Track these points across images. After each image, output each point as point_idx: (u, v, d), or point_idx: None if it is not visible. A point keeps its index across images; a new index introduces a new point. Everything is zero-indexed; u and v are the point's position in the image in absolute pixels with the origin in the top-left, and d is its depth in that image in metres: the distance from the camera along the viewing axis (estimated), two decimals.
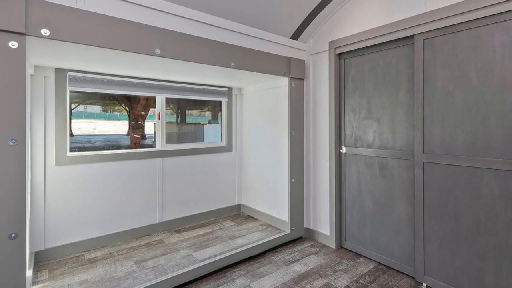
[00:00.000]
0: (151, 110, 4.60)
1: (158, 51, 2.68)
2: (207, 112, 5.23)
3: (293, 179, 3.86)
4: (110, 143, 4.51)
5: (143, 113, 4.55)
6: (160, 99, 4.32)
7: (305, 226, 4.13)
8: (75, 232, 3.52)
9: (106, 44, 2.40)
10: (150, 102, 4.55)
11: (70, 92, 3.61)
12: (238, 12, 3.25)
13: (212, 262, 3.03)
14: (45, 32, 2.13)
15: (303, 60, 3.99)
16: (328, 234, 3.81)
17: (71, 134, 3.70)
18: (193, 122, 5.01)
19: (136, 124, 4.42)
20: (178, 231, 4.19)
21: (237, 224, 4.48)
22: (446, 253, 2.77)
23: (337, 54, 3.74)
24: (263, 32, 3.60)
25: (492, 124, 2.49)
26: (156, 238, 3.94)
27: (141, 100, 4.53)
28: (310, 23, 3.84)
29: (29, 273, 2.59)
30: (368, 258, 3.45)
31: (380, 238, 3.33)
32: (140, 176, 4.04)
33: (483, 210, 2.54)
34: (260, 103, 4.72)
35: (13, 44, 1.99)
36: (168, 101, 4.55)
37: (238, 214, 5.02)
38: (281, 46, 3.83)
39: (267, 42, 3.67)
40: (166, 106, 4.40)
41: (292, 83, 3.86)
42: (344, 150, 3.69)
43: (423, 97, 2.92)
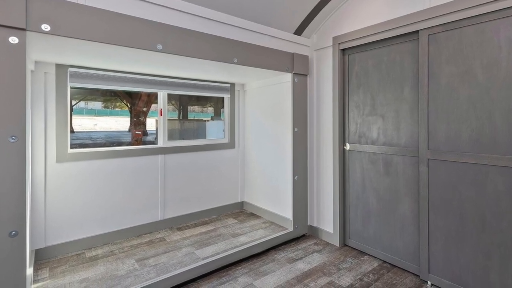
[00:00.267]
0: (153, 107, 4.58)
1: (160, 46, 2.67)
2: (209, 108, 5.21)
3: (296, 176, 3.84)
4: (111, 140, 4.49)
5: (144, 109, 4.54)
6: (162, 95, 4.29)
7: (308, 224, 4.11)
8: (76, 230, 3.50)
9: (107, 39, 2.39)
10: (152, 99, 4.53)
11: (71, 88, 3.60)
12: (241, 7, 3.21)
13: (214, 260, 3.02)
14: (45, 27, 2.12)
15: (307, 56, 3.96)
16: (332, 232, 3.79)
17: (72, 131, 3.69)
18: (195, 118, 5.00)
19: (137, 121, 4.40)
20: (180, 229, 4.18)
21: (239, 222, 4.47)
22: (451, 250, 2.75)
23: (341, 50, 3.71)
24: (266, 27, 3.56)
25: (497, 120, 2.47)
26: (158, 236, 3.93)
27: (142, 96, 4.51)
28: (313, 18, 3.80)
29: (29, 271, 2.58)
30: (372, 256, 3.43)
31: (385, 235, 3.31)
32: (142, 173, 4.02)
33: (488, 208, 2.52)
34: (263, 99, 4.69)
35: (13, 39, 1.99)
36: (170, 97, 4.52)
37: (241, 211, 5.00)
38: (284, 41, 3.80)
39: (270, 37, 3.64)
40: (168, 103, 4.38)
41: (296, 79, 3.83)
42: (348, 147, 3.67)
43: (428, 93, 2.90)
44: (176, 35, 2.78)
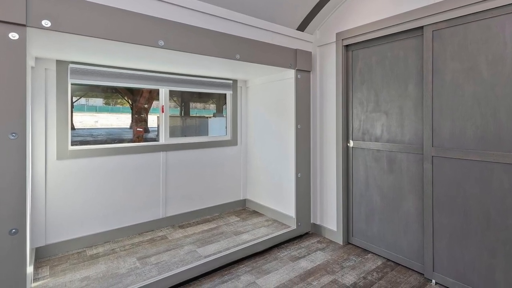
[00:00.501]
0: (154, 103, 4.57)
1: (162, 42, 2.66)
2: (211, 105, 5.19)
3: (299, 174, 3.82)
4: (112, 137, 4.49)
5: (146, 106, 4.53)
6: (163, 92, 4.28)
7: (311, 222, 4.10)
8: (77, 228, 3.49)
9: (108, 35, 2.38)
10: (153, 95, 4.52)
11: (72, 84, 3.59)
12: (243, 2, 3.19)
13: (216, 258, 3.01)
14: (46, 23, 2.11)
15: (310, 52, 3.93)
16: (335, 230, 3.77)
17: (73, 128, 3.68)
18: (197, 115, 4.98)
19: (139, 118, 4.39)
20: (182, 227, 4.16)
21: (242, 220, 4.45)
22: (455, 249, 2.73)
23: (344, 46, 3.68)
24: (269, 23, 3.54)
25: (503, 117, 2.45)
26: (160, 234, 3.91)
27: (144, 92, 4.50)
28: (316, 14, 3.77)
29: (29, 269, 2.57)
30: (376, 254, 3.41)
31: (388, 233, 3.29)
32: (143, 171, 4.00)
33: (493, 205, 2.50)
34: (265, 96, 4.67)
35: (13, 35, 1.98)
36: (172, 93, 4.51)
37: (243, 209, 4.99)
38: (287, 37, 3.77)
39: (272, 33, 3.61)
40: (169, 99, 4.37)
41: (299, 76, 3.81)
42: (351, 144, 3.64)
43: (432, 89, 2.88)
44: (178, 31, 2.76)
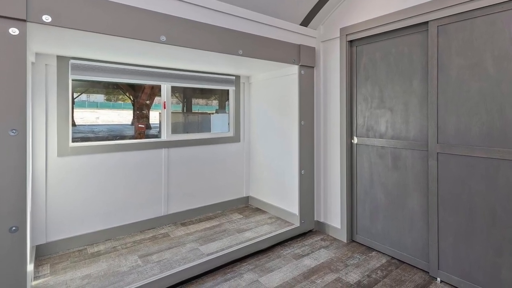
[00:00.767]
0: (156, 99, 4.55)
1: (164, 38, 2.64)
2: (214, 101, 5.17)
3: (303, 171, 3.79)
4: (113, 133, 4.47)
5: (148, 102, 4.52)
6: (165, 88, 4.26)
7: (315, 219, 4.07)
8: (78, 225, 3.47)
9: (110, 31, 2.37)
10: (155, 91, 4.50)
11: (73, 80, 3.58)
12: None
13: (219, 256, 2.99)
14: (46, 18, 2.10)
15: (313, 48, 3.90)
16: (339, 227, 3.75)
17: (74, 124, 3.66)
18: (199, 111, 4.97)
19: (140, 114, 4.38)
20: (184, 224, 4.15)
21: (245, 217, 4.43)
22: (461, 246, 2.72)
23: (348, 41, 3.66)
24: (272, 18, 3.51)
25: (508, 114, 2.43)
26: (161, 232, 3.90)
27: (145, 88, 4.49)
28: (320, 9, 3.74)
29: (30, 267, 2.57)
30: (380, 252, 3.39)
31: (393, 231, 3.27)
32: (145, 167, 3.98)
33: (499, 202, 2.49)
34: (269, 92, 4.64)
35: (13, 31, 1.97)
36: (174, 90, 4.50)
37: (246, 206, 4.97)
38: (290, 33, 3.74)
39: (275, 28, 3.58)
40: (171, 95, 4.35)
41: (302, 71, 3.78)
42: (355, 140, 3.62)
43: (437, 85, 2.86)
44: (180, 27, 2.75)
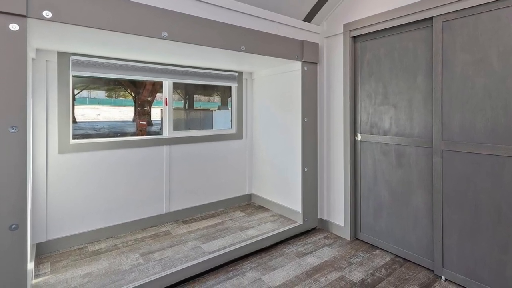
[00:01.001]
0: (158, 96, 4.54)
1: (165, 34, 2.63)
2: (216, 97, 5.16)
3: (306, 168, 3.77)
4: (115, 130, 4.45)
5: (149, 98, 4.50)
6: (167, 84, 4.24)
7: (318, 217, 4.05)
8: (79, 223, 3.46)
9: (111, 26, 2.36)
10: (157, 87, 4.49)
11: (73, 76, 3.58)
12: None
13: (221, 254, 2.98)
14: (47, 14, 2.09)
15: (317, 44, 3.87)
16: (343, 225, 3.73)
17: (74, 121, 3.66)
18: (201, 108, 4.96)
19: (142, 110, 4.36)
20: (186, 222, 4.13)
21: (247, 215, 4.42)
22: (465, 244, 2.70)
23: (352, 37, 3.63)
24: (275, 14, 3.48)
25: None
26: (163, 229, 3.88)
27: (147, 85, 4.47)
28: (323, 5, 3.72)
29: (30, 265, 2.56)
30: (384, 250, 3.37)
31: (397, 229, 3.25)
32: (146, 165, 3.96)
33: (504, 200, 2.47)
34: (271, 88, 4.62)
35: (13, 26, 1.96)
36: (176, 86, 4.48)
37: (249, 204, 4.95)
38: (293, 28, 3.71)
39: (278, 24, 3.56)
40: (173, 92, 4.34)
41: (305, 68, 3.75)
42: (359, 137, 3.60)
43: (441, 81, 2.84)
44: (182, 22, 2.73)
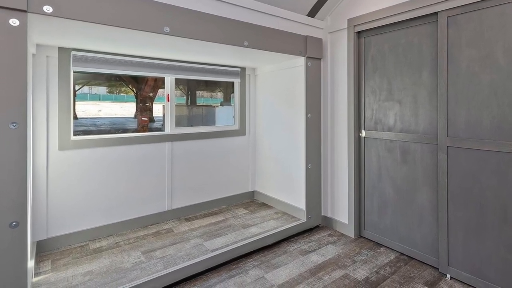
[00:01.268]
0: (160, 92, 4.53)
1: (167, 29, 2.61)
2: (219, 93, 5.15)
3: (309, 165, 3.75)
4: (116, 127, 4.44)
5: (151, 94, 4.49)
6: (169, 80, 4.21)
7: (322, 214, 4.03)
8: (80, 221, 3.44)
9: (112, 21, 2.35)
10: (159, 83, 4.48)
11: (74, 72, 3.55)
12: None
13: (224, 252, 2.97)
14: (47, 9, 2.08)
15: (321, 39, 3.83)
16: (347, 223, 3.71)
17: (75, 117, 3.64)
18: (204, 104, 4.95)
19: (143, 106, 4.35)
20: (188, 220, 4.11)
21: (250, 212, 4.40)
22: (471, 242, 2.68)
23: (356, 33, 3.61)
24: (278, 9, 3.46)
25: None
26: (165, 227, 3.87)
27: (149, 81, 4.46)
28: (327, 0, 3.67)
29: (30, 263, 2.54)
30: (389, 248, 3.35)
31: (402, 227, 3.23)
32: (148, 161, 3.94)
33: (510, 198, 2.45)
34: (275, 84, 4.59)
35: (14, 21, 1.95)
36: (178, 82, 4.46)
37: (252, 201, 4.93)
38: (297, 24, 3.68)
39: (282, 19, 3.53)
40: (175, 87, 4.30)
41: (309, 63, 3.72)
42: (363, 133, 3.57)
43: (447, 77, 2.82)
44: (184, 17, 2.71)
